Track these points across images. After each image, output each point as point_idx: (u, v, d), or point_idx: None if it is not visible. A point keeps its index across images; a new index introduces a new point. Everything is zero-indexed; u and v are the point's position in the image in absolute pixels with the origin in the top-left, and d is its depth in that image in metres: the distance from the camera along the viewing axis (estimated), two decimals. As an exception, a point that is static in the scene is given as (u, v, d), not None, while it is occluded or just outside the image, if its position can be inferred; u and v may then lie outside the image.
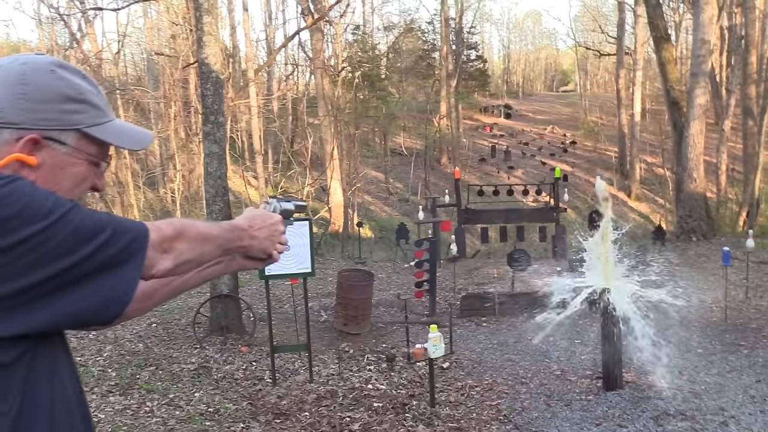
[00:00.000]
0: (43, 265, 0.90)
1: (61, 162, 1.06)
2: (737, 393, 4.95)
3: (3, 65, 1.04)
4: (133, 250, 0.99)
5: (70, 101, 1.06)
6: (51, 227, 0.91)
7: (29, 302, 0.91)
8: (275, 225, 1.29)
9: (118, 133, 1.14)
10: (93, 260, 0.94)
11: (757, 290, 8.97)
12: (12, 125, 1.01)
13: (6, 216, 0.89)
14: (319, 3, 20.03)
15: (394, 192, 31.08)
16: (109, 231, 0.96)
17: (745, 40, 18.04)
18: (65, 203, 0.95)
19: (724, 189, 21.49)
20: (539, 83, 65.11)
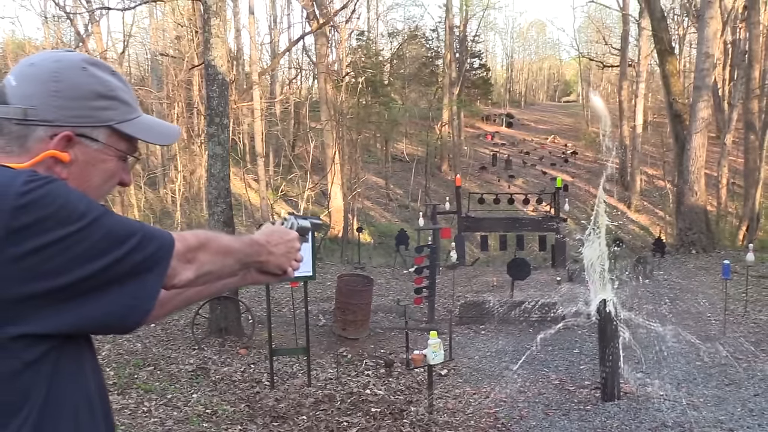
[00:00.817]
0: (76, 266, 0.92)
1: (93, 158, 1.08)
2: (736, 406, 4.94)
3: (36, 63, 1.05)
4: (157, 259, 1.00)
5: (101, 98, 1.07)
6: (85, 229, 0.92)
7: (57, 303, 0.91)
8: (292, 242, 1.31)
9: (147, 128, 1.16)
10: (122, 265, 0.95)
11: (756, 304, 8.97)
12: (46, 122, 1.02)
13: (42, 216, 0.90)
14: (324, 8, 20.09)
15: (394, 198, 31.09)
16: (138, 236, 0.98)
17: (748, 55, 18.09)
18: (98, 207, 0.96)
19: (724, 203, 21.51)
20: (542, 93, 65.23)
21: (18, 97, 1.02)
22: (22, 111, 1.01)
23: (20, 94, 1.02)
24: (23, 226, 0.88)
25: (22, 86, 1.03)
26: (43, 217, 0.89)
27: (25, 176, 0.92)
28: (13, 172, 0.95)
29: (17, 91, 1.02)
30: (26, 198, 0.90)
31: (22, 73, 1.04)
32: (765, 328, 7.64)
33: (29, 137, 1.02)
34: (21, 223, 0.88)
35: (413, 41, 39.33)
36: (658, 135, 33.04)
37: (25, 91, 1.02)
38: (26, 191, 0.90)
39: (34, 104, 1.01)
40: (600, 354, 5.37)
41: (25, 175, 0.93)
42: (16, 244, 0.88)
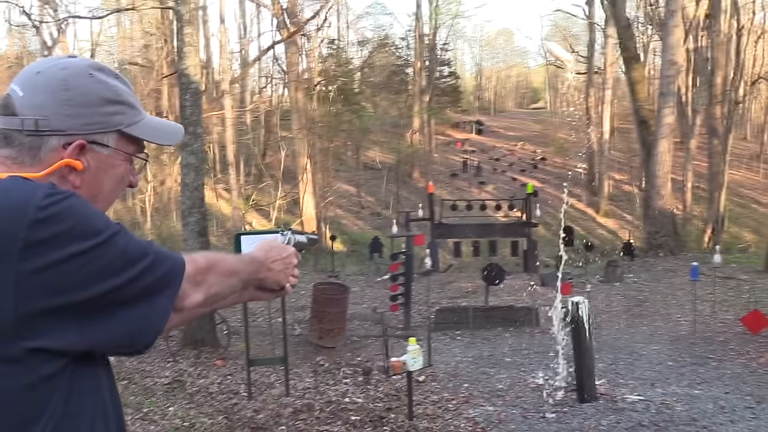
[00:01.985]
0: (91, 283, 0.91)
1: (104, 164, 1.07)
2: (708, 404, 5.06)
3: (42, 71, 1.03)
4: (168, 281, 1.00)
5: (110, 103, 1.07)
6: (101, 246, 0.92)
7: (71, 319, 0.91)
8: (289, 258, 1.32)
9: (154, 129, 1.15)
10: (135, 285, 0.95)
11: (723, 305, 9.20)
12: (58, 132, 1.01)
13: (60, 231, 0.90)
14: (295, 17, 20.09)
15: (366, 206, 31.13)
16: (151, 257, 0.98)
17: (711, 63, 18.60)
18: (114, 225, 0.96)
19: (689, 206, 22.01)
20: (510, 100, 66.02)
21: (27, 108, 1.00)
22: (34, 122, 1.00)
23: (29, 105, 1.00)
24: (41, 240, 0.88)
25: (30, 96, 1.01)
26: (61, 232, 0.89)
27: (45, 190, 0.92)
28: (33, 185, 0.94)
29: (26, 101, 1.01)
30: (45, 212, 0.89)
31: (28, 82, 1.02)
32: (732, 328, 7.84)
33: (42, 148, 1.01)
34: (39, 236, 0.88)
35: (383, 49, 39.52)
36: (625, 141, 33.69)
37: (34, 101, 1.01)
38: (46, 205, 0.90)
39: (45, 114, 1.00)
40: (575, 356, 5.45)
41: (45, 188, 0.92)
42: (33, 257, 0.88)
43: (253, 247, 1.31)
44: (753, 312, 7.28)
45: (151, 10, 18.33)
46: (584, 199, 30.95)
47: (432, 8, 35.17)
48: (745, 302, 8.94)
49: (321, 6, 19.76)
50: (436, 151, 36.92)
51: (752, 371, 6.02)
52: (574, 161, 35.53)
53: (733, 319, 8.17)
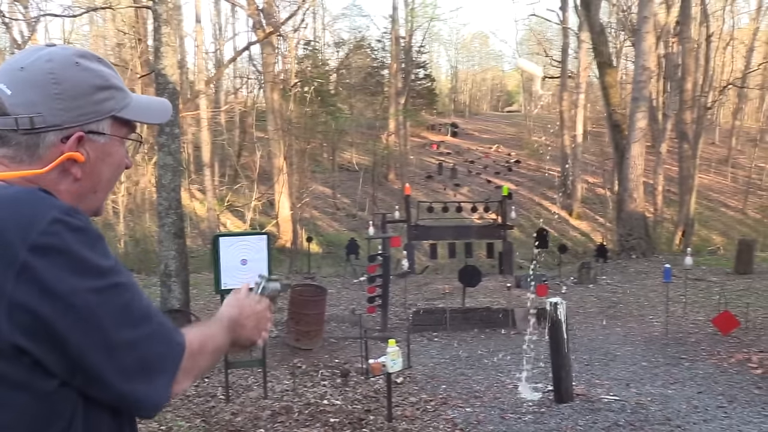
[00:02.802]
0: (80, 332, 0.88)
1: (102, 152, 1.06)
2: (681, 404, 5.15)
3: (26, 66, 1.00)
4: (165, 365, 0.97)
5: (100, 90, 1.04)
6: (100, 292, 0.90)
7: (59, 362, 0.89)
8: (263, 312, 1.27)
9: (144, 109, 1.13)
10: (129, 352, 0.92)
11: (694, 306, 9.37)
12: (55, 127, 0.99)
13: (58, 263, 0.87)
14: (271, 17, 19.99)
15: (342, 207, 31.09)
16: (153, 326, 0.96)
17: (681, 68, 18.96)
18: (124, 272, 0.94)
19: (660, 209, 22.38)
20: (485, 103, 66.48)
21: (19, 106, 0.98)
22: (29, 120, 0.98)
23: (21, 103, 0.98)
24: (38, 268, 0.85)
25: (20, 94, 0.98)
26: (59, 264, 0.87)
27: (56, 214, 0.89)
28: (49, 204, 0.91)
29: (15, 99, 0.98)
30: (48, 239, 0.87)
31: (14, 79, 0.99)
32: (703, 329, 7.99)
33: (40, 145, 0.99)
34: (36, 265, 0.85)
35: (359, 51, 39.52)
36: (598, 144, 34.20)
37: (25, 98, 0.98)
38: (52, 232, 0.88)
39: (39, 111, 0.98)
40: (552, 356, 5.51)
41: (57, 211, 0.90)
42: (27, 286, 0.85)
43: (225, 302, 1.25)
44: (723, 313, 7.43)
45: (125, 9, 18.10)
46: (558, 202, 31.30)
47: (408, 11, 35.28)
48: (715, 303, 9.12)
49: (298, 7, 19.69)
50: (412, 153, 37.02)
51: (723, 371, 6.14)
52: (548, 164, 35.99)
53: (704, 320, 8.33)
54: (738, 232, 25.61)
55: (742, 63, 33.82)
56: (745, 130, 40.03)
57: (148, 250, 17.74)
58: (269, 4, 20.52)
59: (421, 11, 36.46)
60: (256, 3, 20.45)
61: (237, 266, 5.39)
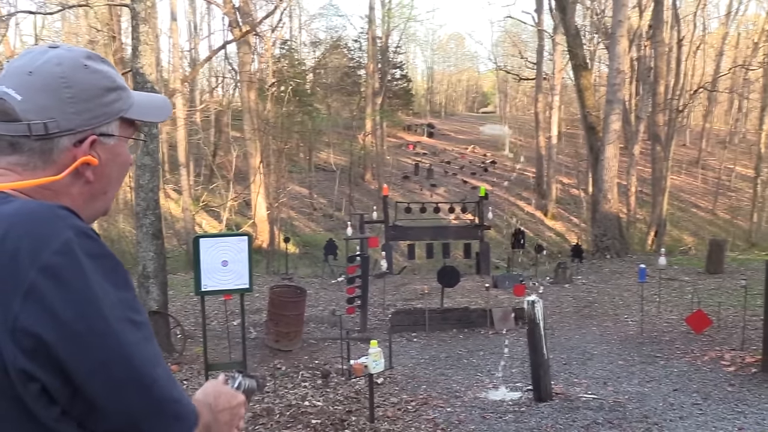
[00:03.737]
0: (87, 360, 0.84)
1: (112, 154, 1.04)
2: (658, 401, 5.25)
3: (35, 70, 0.98)
4: (179, 415, 0.94)
5: (109, 92, 1.03)
6: (114, 322, 0.86)
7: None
8: (237, 408, 1.17)
9: (146, 108, 1.12)
10: (133, 387, 0.88)
11: (667, 305, 9.54)
12: (69, 132, 0.98)
13: (63, 290, 0.84)
14: (248, 16, 19.86)
15: (318, 207, 31.00)
16: (161, 370, 0.91)
17: (654, 71, 19.28)
18: (140, 309, 0.91)
19: (633, 210, 22.74)
20: (461, 104, 66.85)
21: (31, 112, 0.96)
22: (43, 126, 0.96)
23: (33, 108, 0.96)
24: (45, 288, 0.83)
25: (31, 99, 0.97)
26: (69, 288, 0.84)
27: (72, 234, 0.86)
28: (66, 222, 0.88)
29: (27, 105, 0.96)
30: (60, 260, 0.84)
31: (23, 83, 0.97)
32: (677, 327, 8.14)
33: (54, 150, 0.98)
34: (43, 288, 0.83)
35: (335, 51, 39.44)
36: (572, 145, 34.63)
37: (37, 103, 0.96)
38: (65, 253, 0.84)
39: (52, 116, 0.96)
40: (530, 355, 5.57)
41: (73, 232, 0.87)
42: (32, 310, 0.82)
43: (202, 389, 1.17)
44: (696, 312, 7.58)
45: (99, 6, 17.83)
46: (533, 203, 31.61)
47: (385, 11, 35.33)
48: (688, 303, 9.30)
49: (275, 6, 19.59)
50: (388, 153, 37.07)
51: (697, 369, 6.27)
52: (522, 165, 36.33)
53: (678, 319, 8.49)
54: (708, 233, 26.13)
55: (712, 67, 34.51)
56: (715, 133, 40.86)
57: (124, 251, 17.51)
58: (245, 2, 20.39)
59: (398, 12, 36.57)
60: (233, 1, 20.31)
61: (218, 267, 5.36)
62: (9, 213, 0.88)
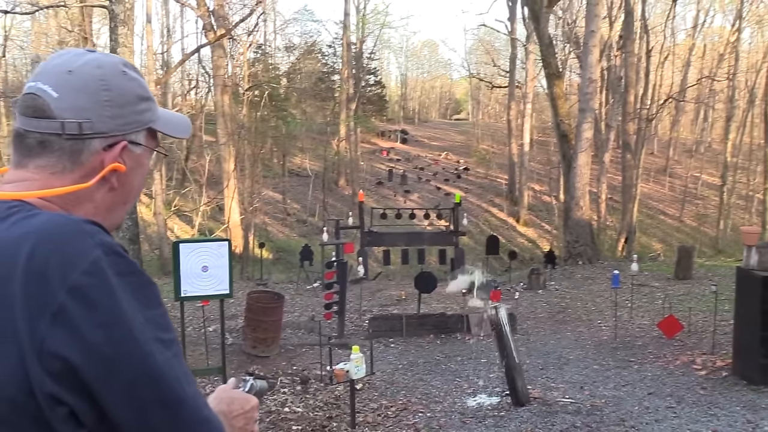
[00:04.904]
0: (114, 383, 0.82)
1: (136, 163, 1.04)
2: (633, 405, 5.36)
3: (74, 70, 0.97)
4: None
5: (142, 100, 1.03)
6: (144, 344, 0.84)
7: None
8: (251, 412, 1.17)
9: (170, 123, 1.12)
10: (160, 410, 0.85)
11: (639, 310, 9.72)
12: (101, 134, 0.97)
13: (91, 311, 0.82)
14: (223, 19, 19.75)
15: (292, 213, 30.88)
16: (191, 391, 0.89)
17: (624, 81, 19.67)
18: (170, 327, 0.88)
19: (603, 217, 23.13)
20: (434, 111, 67.26)
21: (67, 110, 0.95)
22: (78, 125, 0.95)
23: (69, 107, 0.95)
24: (74, 309, 0.81)
25: (68, 97, 0.95)
26: (98, 308, 0.82)
27: (101, 252, 0.84)
28: (95, 239, 0.85)
29: (63, 103, 0.95)
30: (90, 280, 0.82)
31: (61, 82, 0.96)
32: (649, 332, 8.30)
33: (84, 151, 0.96)
34: (73, 305, 0.81)
35: (309, 56, 39.41)
36: (544, 153, 35.06)
37: (74, 102, 0.95)
38: (94, 272, 0.82)
39: (88, 117, 0.95)
40: (501, 358, 5.64)
41: (102, 250, 0.85)
42: (61, 325, 0.80)
43: (213, 396, 1.16)
44: (668, 317, 7.75)
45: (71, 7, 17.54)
46: (505, 209, 31.92)
47: (359, 17, 35.43)
48: (659, 308, 9.49)
49: (251, 10, 19.51)
50: (362, 159, 37.11)
51: (670, 373, 6.41)
52: (495, 172, 36.69)
53: (650, 324, 8.66)
54: (676, 239, 26.71)
55: (679, 77, 35.32)
56: (682, 141, 41.82)
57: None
58: (220, 5, 20.27)
59: (373, 18, 36.72)
60: (207, 4, 20.19)
61: (198, 273, 5.32)
62: (36, 228, 0.86)
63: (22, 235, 0.85)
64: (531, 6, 16.97)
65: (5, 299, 0.82)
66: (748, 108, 32.69)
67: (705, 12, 36.31)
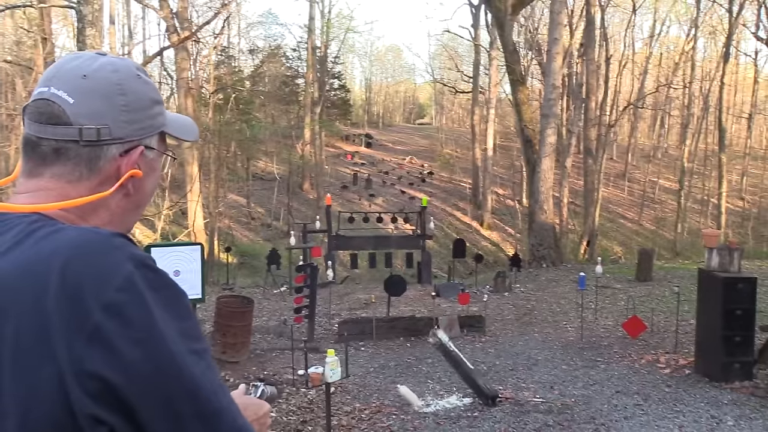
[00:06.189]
0: (153, 399, 0.80)
1: (150, 167, 1.02)
2: (602, 403, 5.49)
3: (89, 74, 0.94)
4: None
5: (156, 104, 1.02)
6: (179, 357, 0.82)
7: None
8: (264, 418, 1.16)
9: (179, 126, 1.10)
10: (201, 423, 0.84)
11: (602, 312, 9.95)
12: (119, 140, 0.95)
13: (126, 328, 0.79)
14: (186, 21, 19.52)
15: (256, 217, 30.64)
16: (226, 401, 0.87)
17: (586, 88, 20.10)
18: (202, 337, 0.87)
19: (565, 220, 23.56)
20: (398, 115, 67.58)
21: (83, 116, 0.92)
22: (96, 131, 0.92)
23: (86, 113, 0.93)
24: (110, 328, 0.79)
25: (84, 103, 0.93)
26: (133, 325, 0.79)
27: (132, 267, 0.81)
28: (125, 254, 0.83)
29: (79, 108, 0.92)
30: (124, 297, 0.79)
31: (76, 87, 0.93)
32: (614, 333, 8.51)
33: (101, 158, 0.94)
34: (109, 324, 0.78)
35: (274, 59, 39.19)
36: (507, 157, 35.55)
37: (90, 108, 0.93)
38: (127, 289, 0.80)
39: (105, 122, 0.93)
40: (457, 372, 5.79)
41: (133, 264, 0.82)
42: (98, 345, 0.78)
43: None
44: (632, 318, 7.95)
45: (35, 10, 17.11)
46: (469, 213, 32.24)
47: (324, 22, 35.42)
48: (622, 309, 9.72)
49: (215, 13, 19.33)
50: (327, 163, 37.06)
51: (636, 372, 6.58)
52: (459, 176, 37.04)
53: (614, 325, 8.87)
54: (635, 242, 27.37)
55: (637, 85, 36.26)
56: (640, 147, 42.91)
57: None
58: (183, 8, 20.03)
59: (337, 22, 36.74)
60: (170, 6, 19.92)
61: (170, 277, 5.25)
62: (65, 245, 0.83)
63: (52, 252, 0.82)
64: (495, 13, 17.22)
65: (40, 319, 0.79)
66: (703, 115, 33.75)
67: (661, 22, 37.39)
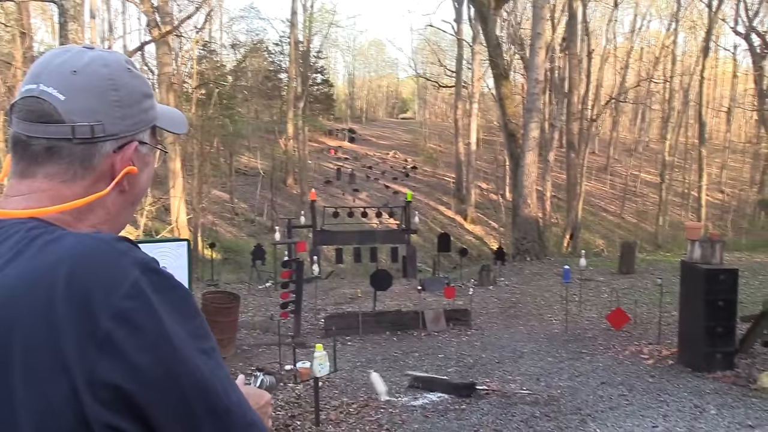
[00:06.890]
0: (166, 402, 0.80)
1: (144, 163, 1.00)
2: (588, 394, 5.56)
3: (79, 70, 0.91)
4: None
5: (147, 98, 0.99)
6: (189, 359, 0.81)
7: None
8: (265, 407, 1.16)
9: (169, 119, 1.08)
10: (215, 423, 0.84)
11: (586, 304, 10.05)
12: (113, 137, 0.93)
13: (136, 336, 0.78)
14: (167, 16, 19.33)
15: (240, 212, 30.49)
16: (236, 396, 0.87)
17: (568, 82, 20.23)
18: (209, 335, 0.86)
19: (549, 214, 23.72)
20: (381, 109, 67.55)
21: (75, 113, 0.89)
22: (89, 129, 0.90)
23: (78, 109, 0.90)
24: (120, 336, 0.78)
25: (76, 100, 0.90)
26: (143, 331, 0.79)
27: (138, 272, 0.81)
28: (129, 258, 0.82)
29: (71, 105, 0.89)
30: (133, 303, 0.79)
31: (66, 83, 0.90)
32: (597, 325, 8.60)
33: (95, 155, 0.92)
34: (119, 331, 0.78)
35: (256, 54, 38.95)
36: (490, 152, 35.69)
37: (83, 105, 0.90)
38: (135, 295, 0.79)
39: (99, 119, 0.91)
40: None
41: (139, 269, 0.81)
42: (109, 353, 0.77)
43: None
44: (616, 310, 8.05)
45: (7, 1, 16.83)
46: (453, 207, 32.35)
47: (307, 16, 35.26)
48: (605, 301, 9.84)
49: (197, 7, 19.18)
50: (310, 158, 36.96)
51: (620, 363, 6.67)
52: (442, 171, 37.13)
53: (598, 317, 8.97)
54: (617, 235, 27.64)
55: (618, 79, 36.56)
56: (622, 141, 43.30)
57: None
58: (164, 2, 19.84)
59: (320, 17, 36.60)
60: (151, 0, 19.71)
61: (156, 273, 5.22)
62: (69, 253, 0.82)
63: (57, 261, 0.81)
64: (478, 8, 17.26)
65: (49, 331, 0.78)
66: (684, 109, 34.12)
67: (642, 16, 37.71)
